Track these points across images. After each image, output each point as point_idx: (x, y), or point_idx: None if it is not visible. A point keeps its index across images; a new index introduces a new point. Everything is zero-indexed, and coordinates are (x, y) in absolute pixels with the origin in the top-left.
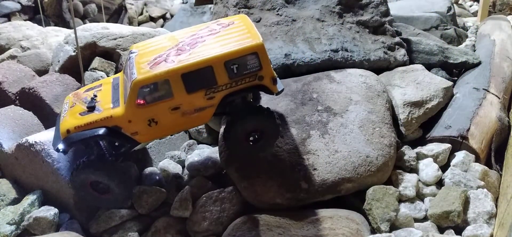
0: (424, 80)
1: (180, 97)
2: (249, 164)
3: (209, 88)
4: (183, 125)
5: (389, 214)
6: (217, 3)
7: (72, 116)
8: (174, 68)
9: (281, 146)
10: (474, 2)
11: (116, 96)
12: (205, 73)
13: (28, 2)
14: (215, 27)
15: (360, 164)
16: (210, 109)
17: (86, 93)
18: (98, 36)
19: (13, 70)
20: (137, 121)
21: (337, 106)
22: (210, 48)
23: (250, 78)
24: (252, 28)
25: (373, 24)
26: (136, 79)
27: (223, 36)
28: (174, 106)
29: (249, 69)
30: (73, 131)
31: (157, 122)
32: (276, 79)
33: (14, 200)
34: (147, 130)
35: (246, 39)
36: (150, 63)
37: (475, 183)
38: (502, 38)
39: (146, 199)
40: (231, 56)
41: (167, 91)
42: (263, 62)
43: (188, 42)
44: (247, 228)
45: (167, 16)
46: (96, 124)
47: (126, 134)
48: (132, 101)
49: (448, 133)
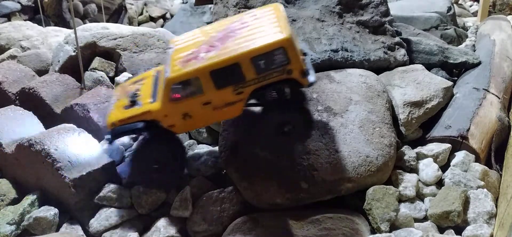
0: (424, 80)
1: (210, 93)
2: (249, 164)
3: (237, 84)
4: (215, 118)
5: (389, 214)
6: (217, 3)
7: (117, 109)
8: (203, 66)
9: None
10: (474, 2)
11: (156, 91)
12: (233, 70)
13: (28, 2)
14: (247, 19)
15: (360, 164)
16: (240, 104)
17: (131, 86)
18: (98, 36)
19: (13, 70)
20: (173, 115)
21: (337, 106)
22: (238, 44)
23: (278, 73)
24: (283, 20)
25: (373, 24)
26: (169, 77)
27: (252, 29)
28: (205, 102)
29: (276, 63)
30: (117, 123)
31: (191, 116)
32: (306, 72)
33: (14, 200)
34: (183, 122)
35: (273, 34)
36: (182, 60)
37: (475, 183)
38: (502, 38)
39: (146, 199)
40: (257, 52)
41: (198, 88)
42: (291, 56)
43: (219, 37)
44: (247, 228)
45: (167, 16)
46: (136, 118)
47: (164, 126)
48: (166, 98)
49: (448, 133)
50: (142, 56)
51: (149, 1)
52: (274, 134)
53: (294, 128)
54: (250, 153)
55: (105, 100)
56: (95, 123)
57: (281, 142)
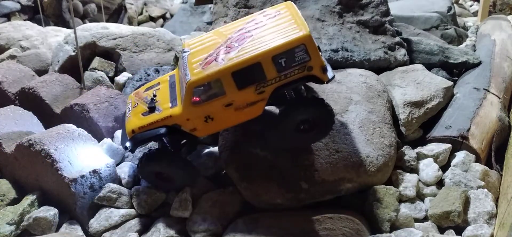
0: (425, 80)
1: (232, 94)
2: (249, 164)
3: (259, 84)
4: (237, 119)
5: (389, 214)
6: (217, 3)
7: (135, 117)
8: (225, 67)
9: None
10: (474, 2)
11: (174, 95)
12: (254, 69)
13: (28, 2)
14: (262, 19)
15: (360, 164)
16: (261, 103)
17: (146, 92)
18: (98, 36)
19: (13, 70)
20: (194, 119)
21: (337, 106)
22: (258, 43)
23: (299, 70)
24: (299, 17)
25: (374, 24)
26: (190, 80)
27: (269, 28)
28: (227, 103)
29: (297, 61)
30: (138, 131)
31: (213, 118)
32: (326, 68)
33: (14, 200)
34: (204, 125)
35: (292, 31)
36: (202, 63)
37: (476, 183)
38: (502, 38)
39: (146, 199)
40: (278, 51)
41: (219, 89)
42: (312, 52)
43: (236, 38)
44: (247, 228)
45: (167, 16)
46: (157, 123)
47: (185, 130)
48: (188, 101)
49: (448, 133)
50: (142, 56)
51: (149, 1)
52: (294, 131)
53: (314, 125)
54: (250, 153)
55: (105, 100)
56: (94, 123)
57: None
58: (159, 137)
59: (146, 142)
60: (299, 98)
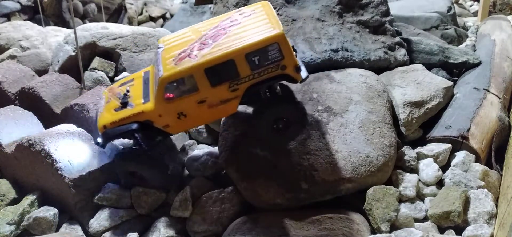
0: (425, 80)
1: (205, 90)
2: (249, 164)
3: (232, 81)
4: (211, 116)
5: (389, 214)
6: (217, 3)
7: (108, 112)
8: (198, 63)
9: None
10: (474, 2)
11: (147, 91)
12: (228, 66)
13: (28, 2)
14: (237, 17)
15: (360, 164)
16: (235, 101)
17: (120, 88)
18: (98, 36)
19: (13, 70)
20: (167, 115)
21: (337, 106)
22: (232, 41)
23: (273, 68)
24: (274, 17)
25: (373, 24)
26: (163, 76)
27: (244, 26)
28: (200, 100)
29: (271, 59)
30: (109, 126)
31: (186, 115)
32: (300, 67)
33: (14, 200)
34: (177, 122)
35: (266, 30)
36: (175, 59)
37: (476, 183)
38: (502, 38)
39: (146, 199)
40: (251, 49)
41: (192, 86)
42: (285, 51)
43: (211, 35)
44: (247, 228)
45: (167, 16)
46: (129, 119)
47: (158, 127)
48: (160, 97)
49: (448, 133)
50: (142, 56)
51: (149, 1)
52: (269, 131)
53: (288, 124)
54: (250, 153)
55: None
56: (95, 123)
57: (276, 139)
58: (131, 133)
59: (117, 137)
60: (273, 97)
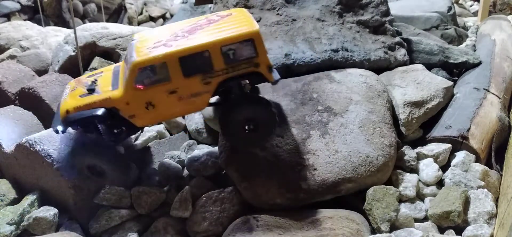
0: (425, 80)
1: (177, 81)
2: (249, 164)
3: (205, 73)
4: (180, 110)
5: (389, 214)
6: (217, 2)
7: (72, 98)
8: (173, 51)
9: (281, 146)
10: (474, 2)
11: (116, 81)
12: (202, 57)
13: (28, 2)
14: (214, 18)
15: (360, 164)
16: (206, 95)
17: (87, 78)
18: (98, 36)
19: (13, 70)
20: (135, 104)
21: (337, 106)
22: (208, 34)
23: (246, 65)
24: (249, 18)
25: (374, 24)
26: (135, 60)
27: (221, 24)
28: (171, 90)
29: (245, 55)
30: (72, 111)
31: (154, 105)
32: (272, 68)
33: (14, 200)
34: (145, 112)
35: (243, 27)
36: (149, 47)
37: (476, 183)
38: (502, 38)
39: (146, 199)
40: (227, 42)
41: (164, 75)
42: (259, 49)
43: (187, 29)
44: (247, 228)
45: (167, 16)
46: (95, 104)
47: (124, 116)
48: (130, 83)
49: (448, 133)
50: None
51: (148, 1)
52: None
53: (257, 125)
54: (250, 153)
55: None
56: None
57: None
58: (94, 120)
59: (79, 123)
60: (243, 97)
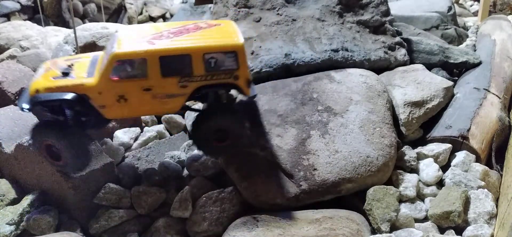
0: (425, 80)
1: (154, 79)
2: (249, 164)
3: (183, 76)
4: (152, 108)
5: (389, 214)
6: (217, 2)
7: (44, 79)
8: (155, 49)
9: (281, 146)
10: (474, 2)
11: (92, 69)
12: (183, 60)
13: (28, 2)
14: (202, 25)
15: (361, 164)
16: (181, 98)
17: (63, 61)
18: (98, 36)
19: (13, 70)
20: (107, 94)
21: (338, 106)
22: (193, 39)
23: (226, 76)
24: (236, 32)
25: (374, 24)
26: (115, 52)
27: (208, 32)
28: (146, 87)
29: (226, 66)
30: (42, 91)
31: (127, 99)
32: (251, 83)
33: (14, 200)
34: (116, 105)
35: (228, 38)
36: (131, 42)
37: (476, 183)
38: (502, 38)
39: (146, 199)
40: (211, 50)
41: (142, 71)
42: (241, 63)
43: (173, 31)
44: (247, 228)
45: (167, 16)
46: (66, 88)
47: (94, 105)
48: (106, 73)
49: (448, 133)
50: None
51: (148, 1)
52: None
53: (227, 135)
54: (250, 153)
55: None
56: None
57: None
58: (63, 102)
59: (46, 104)
60: (217, 106)
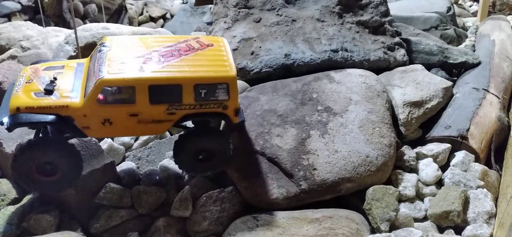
0: (424, 80)
1: (142, 106)
2: (249, 164)
3: (172, 104)
4: (137, 131)
5: (389, 214)
6: (217, 3)
7: (26, 94)
8: (144, 77)
9: (281, 146)
10: (473, 2)
11: (77, 85)
12: (173, 90)
13: (28, 2)
14: (194, 45)
15: (360, 163)
16: (167, 124)
17: (45, 71)
18: (98, 36)
19: (13, 70)
20: (92, 117)
21: (337, 106)
22: (185, 66)
23: (215, 105)
24: (229, 57)
25: (373, 24)
26: (103, 79)
27: (200, 57)
28: (133, 113)
29: (216, 96)
30: (24, 111)
31: (112, 123)
32: (239, 111)
33: (15, 199)
34: (100, 127)
35: (221, 68)
36: (120, 64)
37: (475, 183)
38: (501, 38)
39: (146, 199)
40: (202, 81)
41: (130, 97)
42: (232, 93)
43: (164, 52)
44: (247, 228)
45: (167, 16)
46: (49, 110)
47: (77, 126)
48: (92, 98)
49: (447, 132)
50: None
51: (149, 1)
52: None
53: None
54: (250, 153)
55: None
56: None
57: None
58: (45, 124)
59: (27, 125)
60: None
